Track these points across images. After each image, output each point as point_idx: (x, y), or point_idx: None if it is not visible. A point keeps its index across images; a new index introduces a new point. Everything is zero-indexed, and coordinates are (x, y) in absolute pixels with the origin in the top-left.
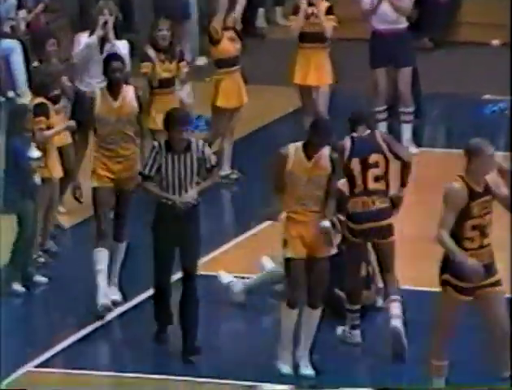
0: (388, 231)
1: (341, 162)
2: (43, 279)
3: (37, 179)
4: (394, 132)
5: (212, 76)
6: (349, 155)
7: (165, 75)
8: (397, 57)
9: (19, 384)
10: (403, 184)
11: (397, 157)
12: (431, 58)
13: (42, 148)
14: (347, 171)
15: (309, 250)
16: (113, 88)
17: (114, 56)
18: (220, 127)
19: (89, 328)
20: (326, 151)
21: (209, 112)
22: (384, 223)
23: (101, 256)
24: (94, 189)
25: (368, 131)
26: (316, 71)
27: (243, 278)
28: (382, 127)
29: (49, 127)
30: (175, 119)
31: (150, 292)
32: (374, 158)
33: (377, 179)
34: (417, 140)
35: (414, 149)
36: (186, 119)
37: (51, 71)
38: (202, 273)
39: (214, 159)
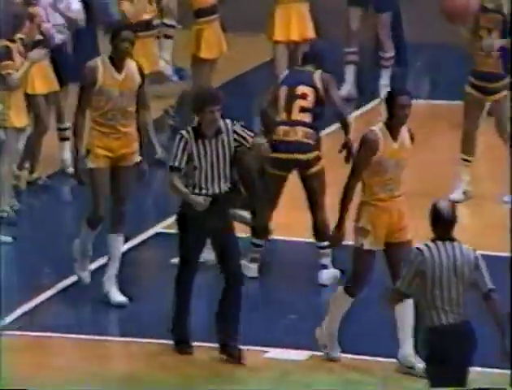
0: (307, 166)
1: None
2: (7, 239)
3: (1, 133)
4: (363, 75)
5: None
6: (280, 83)
7: (145, 16)
8: (375, 0)
9: None
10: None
11: (333, 105)
12: (417, 4)
13: (4, 96)
14: (276, 99)
15: (391, 237)
16: (117, 60)
17: (126, 25)
18: (201, 79)
19: (56, 289)
20: (405, 127)
21: (180, 63)
22: (303, 157)
23: (90, 236)
24: (91, 170)
25: (311, 68)
26: (298, 25)
27: None
28: (350, 69)
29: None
30: (205, 98)
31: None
32: (302, 89)
33: (303, 110)
34: None
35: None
36: (218, 96)
37: (15, 12)
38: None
39: (248, 132)
